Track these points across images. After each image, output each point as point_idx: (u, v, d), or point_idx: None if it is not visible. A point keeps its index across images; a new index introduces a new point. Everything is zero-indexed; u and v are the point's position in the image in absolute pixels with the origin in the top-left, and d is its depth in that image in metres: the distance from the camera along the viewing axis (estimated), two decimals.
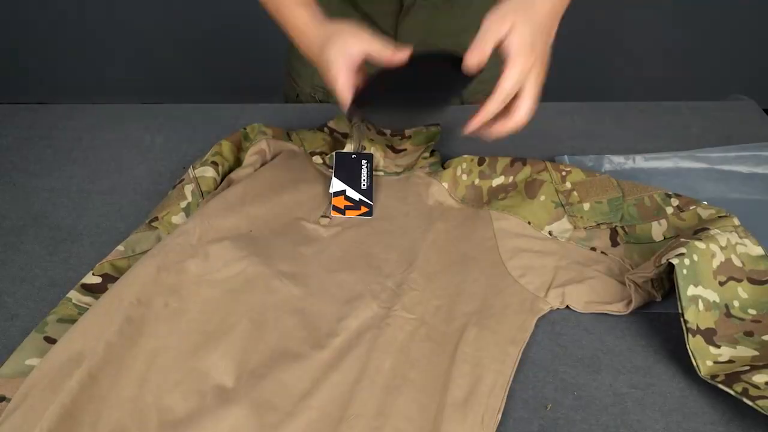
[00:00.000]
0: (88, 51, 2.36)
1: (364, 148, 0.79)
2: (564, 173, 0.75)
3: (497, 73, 0.71)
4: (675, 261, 0.59)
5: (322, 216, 0.75)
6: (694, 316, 0.58)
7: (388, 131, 0.84)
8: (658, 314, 0.64)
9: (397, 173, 0.80)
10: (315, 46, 0.70)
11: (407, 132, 0.84)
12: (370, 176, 0.77)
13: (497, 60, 0.63)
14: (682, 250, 0.60)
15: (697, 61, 2.24)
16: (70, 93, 2.33)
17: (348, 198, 0.76)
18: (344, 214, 0.75)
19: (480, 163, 0.78)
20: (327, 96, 1.03)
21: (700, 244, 0.61)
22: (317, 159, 0.81)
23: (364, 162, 0.78)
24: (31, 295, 0.69)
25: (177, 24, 2.28)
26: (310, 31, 0.72)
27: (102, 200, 0.82)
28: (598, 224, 0.71)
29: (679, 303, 0.58)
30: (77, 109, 1.00)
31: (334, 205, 0.75)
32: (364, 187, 0.77)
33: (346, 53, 0.66)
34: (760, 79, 2.20)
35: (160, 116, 0.98)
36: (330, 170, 0.78)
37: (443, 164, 0.80)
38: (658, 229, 0.70)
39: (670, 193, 0.72)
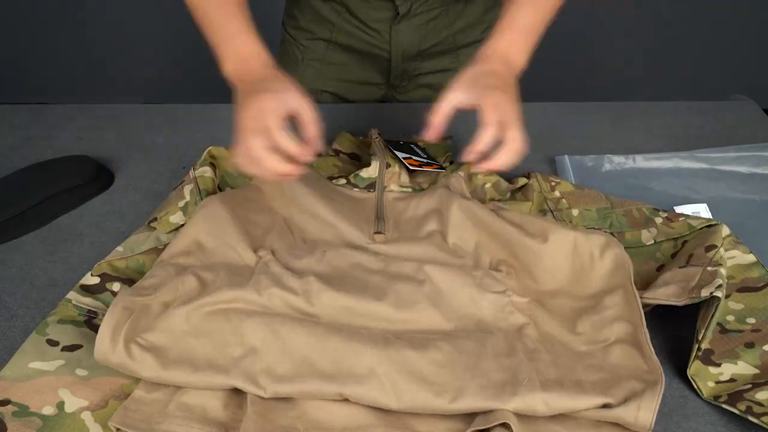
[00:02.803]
0: (88, 51, 2.36)
1: (389, 165, 0.77)
2: (553, 184, 0.76)
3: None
4: (719, 294, 0.58)
5: (376, 233, 0.71)
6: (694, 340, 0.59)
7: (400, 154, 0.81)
8: (658, 314, 0.64)
9: (422, 188, 0.77)
10: (255, 77, 0.67)
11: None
12: (425, 153, 0.80)
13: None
14: (720, 281, 0.59)
15: (697, 61, 2.24)
16: (70, 93, 2.33)
17: (417, 159, 0.77)
18: (422, 167, 0.76)
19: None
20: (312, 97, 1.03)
21: (723, 271, 0.61)
22: (341, 181, 0.77)
23: (411, 145, 0.81)
24: (31, 295, 0.69)
25: (177, 24, 2.27)
26: (253, 62, 0.69)
27: (102, 200, 0.82)
28: (587, 228, 0.71)
29: (702, 332, 0.58)
30: (77, 109, 1.00)
31: (409, 165, 0.76)
32: (424, 157, 0.79)
33: (284, 103, 0.63)
34: (760, 79, 2.20)
35: (160, 116, 0.98)
36: (355, 189, 0.76)
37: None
38: (648, 235, 0.70)
39: (658, 208, 0.72)
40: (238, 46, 0.70)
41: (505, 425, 0.51)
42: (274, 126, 0.61)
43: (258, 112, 0.62)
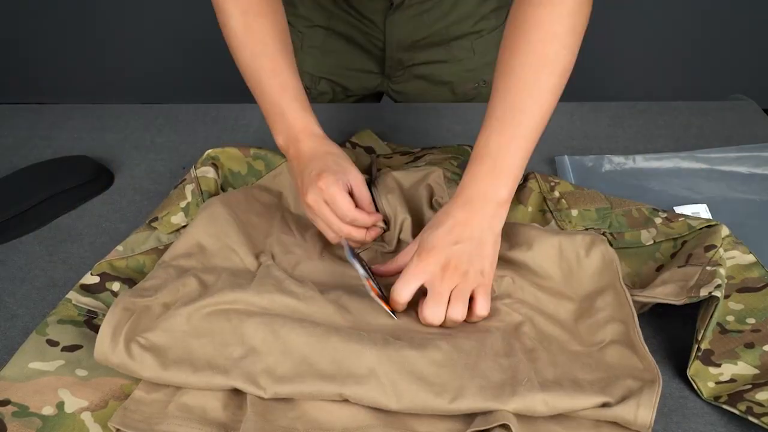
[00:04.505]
0: (88, 51, 2.36)
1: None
2: (552, 184, 0.76)
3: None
4: (718, 294, 0.58)
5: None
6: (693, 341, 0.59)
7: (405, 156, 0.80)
8: (658, 313, 0.64)
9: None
10: (308, 156, 0.69)
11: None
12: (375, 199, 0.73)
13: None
14: (718, 281, 0.59)
15: (697, 61, 2.24)
16: (70, 93, 2.33)
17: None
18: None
19: None
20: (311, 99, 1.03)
21: (722, 270, 0.61)
22: None
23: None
24: (31, 295, 0.69)
25: (177, 24, 2.28)
26: (304, 140, 0.70)
27: (102, 200, 0.82)
28: (587, 229, 0.71)
29: (701, 332, 0.58)
30: (77, 109, 1.00)
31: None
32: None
33: (343, 180, 0.66)
34: (760, 79, 2.20)
35: (160, 116, 0.98)
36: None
37: None
38: (647, 235, 0.70)
39: (657, 208, 0.72)
40: (289, 122, 0.71)
41: (505, 426, 0.51)
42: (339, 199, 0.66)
43: (320, 191, 0.66)
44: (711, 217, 0.74)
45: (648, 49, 2.22)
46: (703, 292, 0.58)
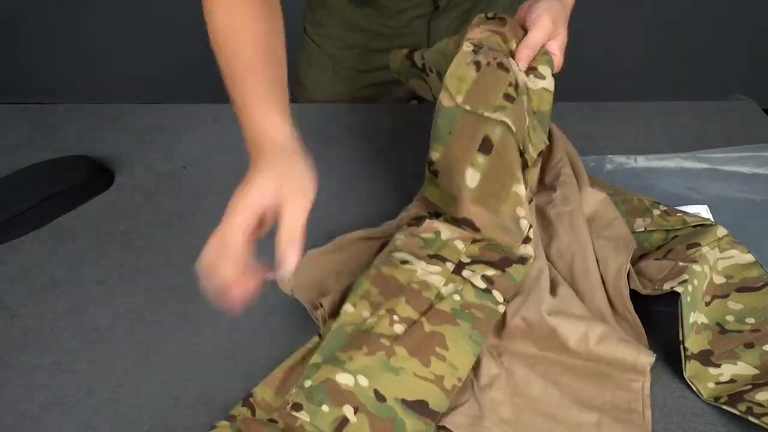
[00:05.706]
0: (88, 51, 2.36)
1: None
2: None
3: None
4: (680, 289, 0.58)
5: None
6: (692, 342, 0.59)
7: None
8: (658, 313, 0.64)
9: None
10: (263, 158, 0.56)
11: None
12: None
13: None
14: (685, 276, 0.59)
15: (697, 61, 2.24)
16: (70, 93, 2.33)
17: None
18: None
19: None
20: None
21: (697, 267, 0.61)
22: None
23: None
24: (31, 295, 0.69)
25: (177, 24, 2.27)
26: (267, 146, 0.57)
27: (102, 200, 0.82)
28: None
29: (680, 331, 0.58)
30: (77, 109, 1.00)
31: None
32: None
33: (253, 206, 0.51)
34: (760, 79, 2.20)
35: (160, 116, 0.98)
36: None
37: None
38: (640, 223, 0.70)
39: (659, 201, 0.72)
40: (260, 123, 0.60)
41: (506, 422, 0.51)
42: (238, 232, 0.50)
43: (235, 207, 0.52)
44: (712, 219, 0.74)
45: (648, 49, 2.22)
46: (666, 287, 0.59)
